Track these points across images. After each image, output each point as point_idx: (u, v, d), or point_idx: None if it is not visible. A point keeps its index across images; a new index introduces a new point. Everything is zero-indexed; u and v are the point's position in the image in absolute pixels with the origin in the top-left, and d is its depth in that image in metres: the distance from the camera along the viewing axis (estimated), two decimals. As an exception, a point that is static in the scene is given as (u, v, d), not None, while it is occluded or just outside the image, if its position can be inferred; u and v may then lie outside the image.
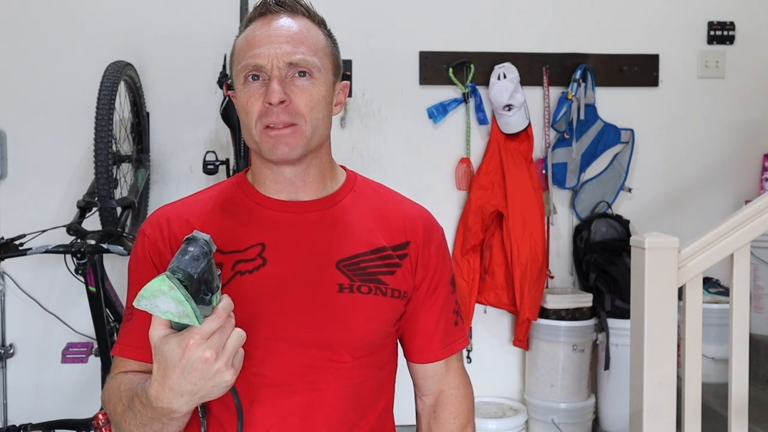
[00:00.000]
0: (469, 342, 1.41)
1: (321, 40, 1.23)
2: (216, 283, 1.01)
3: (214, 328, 0.99)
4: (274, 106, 1.17)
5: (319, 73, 1.21)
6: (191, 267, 0.97)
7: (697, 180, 3.53)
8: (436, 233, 1.34)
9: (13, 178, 3.19)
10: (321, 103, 1.21)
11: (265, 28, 1.21)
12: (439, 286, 1.32)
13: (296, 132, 1.19)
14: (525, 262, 3.22)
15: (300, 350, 1.19)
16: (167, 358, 0.99)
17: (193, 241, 0.99)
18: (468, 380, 1.39)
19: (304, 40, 1.20)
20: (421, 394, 1.38)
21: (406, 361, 1.36)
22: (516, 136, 3.32)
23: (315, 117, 1.20)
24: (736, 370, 2.36)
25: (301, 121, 1.19)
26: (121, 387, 1.16)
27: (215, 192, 1.31)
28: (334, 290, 1.21)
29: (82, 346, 2.85)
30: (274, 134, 1.18)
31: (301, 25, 1.21)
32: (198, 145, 3.26)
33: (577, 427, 3.24)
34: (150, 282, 0.95)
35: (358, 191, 1.32)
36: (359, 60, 3.31)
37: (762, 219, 2.35)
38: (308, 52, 1.19)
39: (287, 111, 1.18)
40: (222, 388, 1.02)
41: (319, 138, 1.23)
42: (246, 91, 1.20)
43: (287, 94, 1.17)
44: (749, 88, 3.53)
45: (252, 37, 1.21)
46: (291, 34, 1.20)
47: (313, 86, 1.20)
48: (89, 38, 3.20)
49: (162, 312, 0.96)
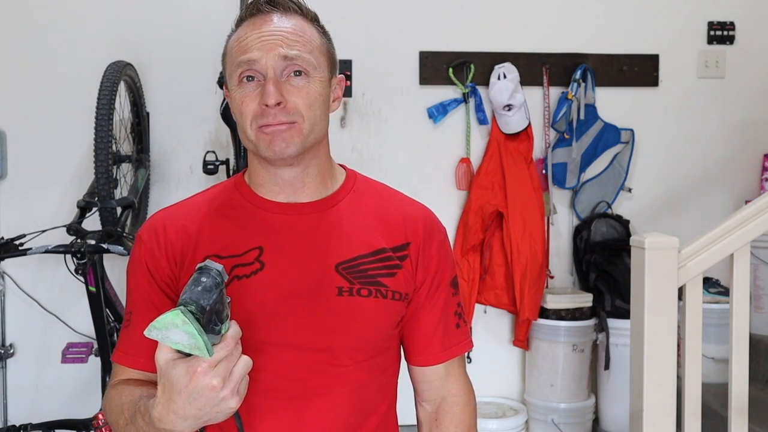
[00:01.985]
0: (472, 345, 1.38)
1: (315, 38, 1.22)
2: (226, 312, 1.02)
3: (222, 357, 0.99)
4: (271, 107, 1.16)
5: (315, 71, 1.19)
6: (204, 299, 0.97)
7: (697, 180, 3.53)
8: (438, 233, 1.32)
9: (13, 178, 3.19)
10: (318, 101, 1.20)
11: (258, 28, 1.19)
12: (440, 288, 1.29)
13: (293, 129, 1.18)
14: (525, 262, 3.22)
15: (299, 355, 1.18)
16: (173, 383, 0.99)
17: (205, 271, 1.00)
18: (470, 387, 1.36)
19: (298, 39, 1.19)
20: (422, 400, 1.35)
21: (407, 364, 1.34)
22: (516, 136, 3.32)
23: (312, 115, 1.19)
24: (736, 370, 2.36)
25: (299, 119, 1.18)
26: (122, 398, 1.16)
27: (212, 194, 1.30)
28: (333, 294, 1.19)
29: (82, 346, 2.85)
30: (270, 131, 1.17)
31: (295, 24, 1.20)
32: (198, 145, 3.26)
33: (577, 427, 3.24)
34: (163, 315, 0.96)
35: (358, 191, 1.30)
36: (359, 60, 3.30)
37: (762, 219, 2.35)
38: (303, 50, 1.18)
39: (284, 111, 1.17)
40: (226, 414, 1.02)
41: (317, 135, 1.22)
42: (241, 91, 1.19)
43: (283, 94, 1.17)
44: (749, 88, 3.53)
45: (245, 38, 1.19)
46: (285, 33, 1.18)
47: (309, 84, 1.19)
48: (89, 38, 3.20)
49: (173, 343, 0.97)
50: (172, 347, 0.98)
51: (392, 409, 1.31)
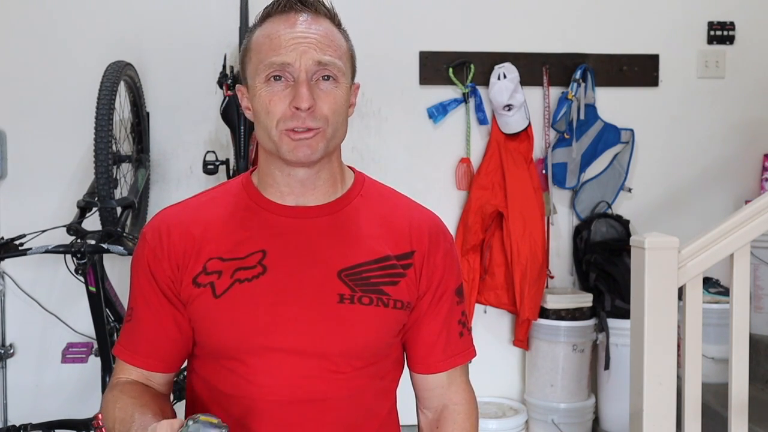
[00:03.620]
0: (475, 354, 1.37)
1: (343, 43, 1.22)
2: None
3: None
4: (302, 111, 1.14)
5: (343, 77, 1.19)
6: None
7: (697, 180, 3.53)
8: (444, 241, 1.30)
9: (13, 178, 3.19)
10: (343, 107, 1.20)
11: (291, 27, 1.17)
12: (444, 296, 1.28)
13: (318, 135, 1.16)
14: (525, 262, 3.22)
15: (298, 360, 1.17)
16: None
17: (216, 426, 1.00)
18: (472, 396, 1.34)
19: (330, 44, 1.18)
20: (423, 408, 1.34)
21: (409, 371, 1.33)
22: (516, 136, 3.32)
23: (336, 120, 1.18)
24: (736, 370, 2.36)
25: (324, 125, 1.16)
26: (116, 412, 1.16)
27: (219, 193, 1.29)
28: (334, 300, 1.18)
29: (82, 346, 2.85)
30: (297, 137, 1.15)
31: (326, 28, 1.19)
32: (198, 145, 3.26)
33: (577, 427, 3.24)
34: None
35: (366, 195, 1.29)
36: (359, 60, 3.22)
37: (762, 219, 2.35)
38: (335, 55, 1.18)
39: (313, 116, 1.15)
40: None
41: (337, 141, 1.21)
42: (269, 90, 1.16)
43: (314, 98, 1.15)
44: (749, 88, 3.53)
45: (276, 35, 1.16)
46: (318, 36, 1.17)
47: (338, 90, 1.18)
48: (89, 38, 3.19)
49: None
50: None
51: (393, 413, 1.31)
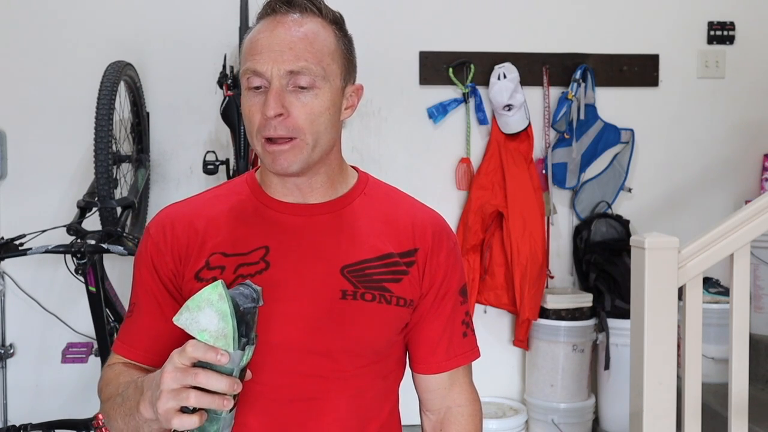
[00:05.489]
0: (479, 355, 1.36)
1: (329, 44, 1.18)
2: (253, 336, 1.01)
3: (200, 357, 0.97)
4: (271, 119, 1.13)
5: (323, 81, 1.15)
6: (240, 300, 0.98)
7: (697, 180, 3.53)
8: (448, 241, 1.29)
9: (13, 178, 3.19)
10: (324, 115, 1.16)
11: (270, 31, 1.15)
12: (446, 296, 1.27)
13: (295, 147, 1.15)
14: (525, 262, 3.22)
15: (300, 357, 1.17)
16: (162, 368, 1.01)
17: (247, 285, 1.02)
18: (476, 397, 1.33)
19: (308, 47, 1.14)
20: (426, 410, 1.33)
21: (411, 372, 1.32)
22: (516, 136, 3.32)
23: (316, 130, 1.16)
24: (736, 370, 2.36)
25: (300, 135, 1.15)
26: (119, 379, 1.17)
27: (223, 191, 1.29)
28: (337, 297, 1.18)
29: (82, 346, 2.85)
30: (272, 149, 1.15)
31: (308, 29, 1.16)
32: (198, 145, 3.26)
33: (577, 427, 3.24)
34: (201, 290, 0.95)
35: (369, 194, 1.29)
36: (359, 60, 3.27)
37: (762, 219, 2.35)
38: (311, 60, 1.14)
39: (285, 125, 1.14)
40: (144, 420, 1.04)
41: (323, 147, 1.19)
42: (248, 99, 1.16)
43: (286, 106, 1.13)
44: (749, 88, 3.53)
45: (255, 40, 1.16)
46: (294, 40, 1.14)
47: (315, 98, 1.15)
48: (89, 38, 3.19)
49: (199, 330, 0.95)
50: (198, 337, 0.96)
51: (394, 414, 1.30)
